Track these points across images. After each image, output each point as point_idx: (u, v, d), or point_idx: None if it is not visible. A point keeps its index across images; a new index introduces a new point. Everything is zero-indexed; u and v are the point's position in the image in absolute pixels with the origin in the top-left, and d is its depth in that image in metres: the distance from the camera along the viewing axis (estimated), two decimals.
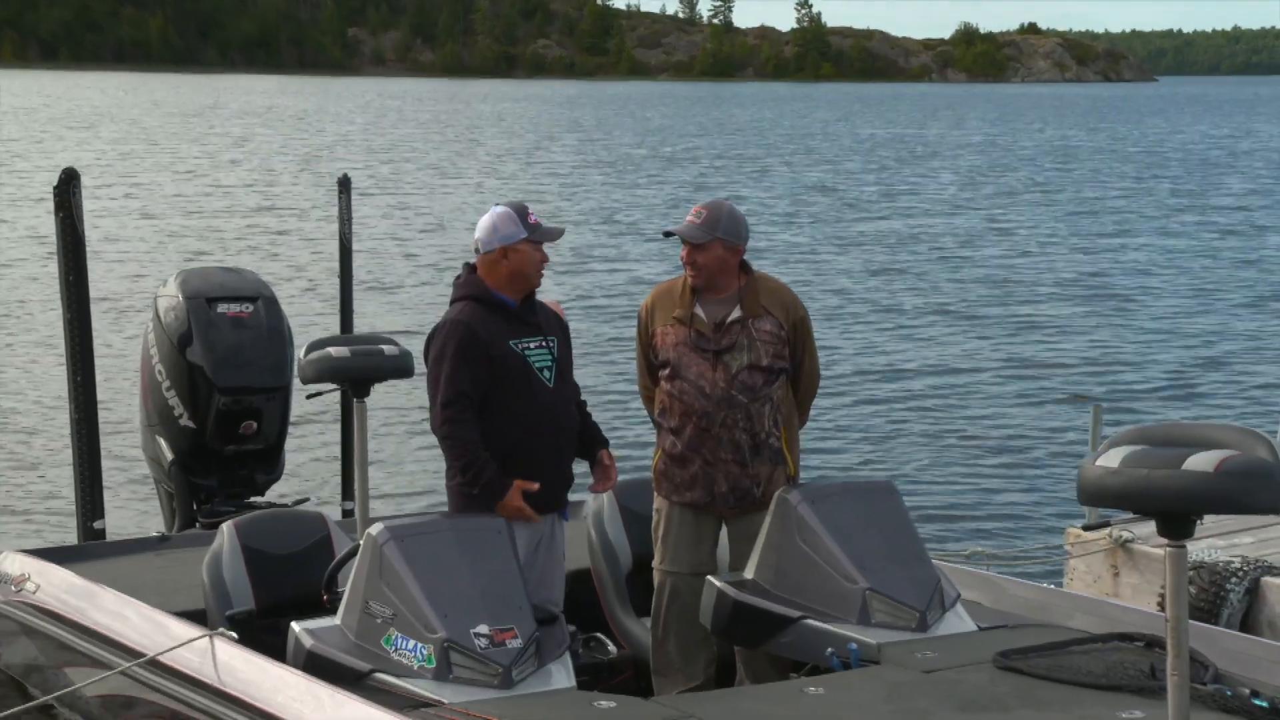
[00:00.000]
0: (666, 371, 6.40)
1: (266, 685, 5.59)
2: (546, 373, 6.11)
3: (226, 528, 6.69)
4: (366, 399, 6.95)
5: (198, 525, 8.55)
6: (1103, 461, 4.10)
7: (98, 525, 8.57)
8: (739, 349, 6.32)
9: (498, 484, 5.93)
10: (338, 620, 5.68)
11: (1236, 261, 29.05)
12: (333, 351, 6.98)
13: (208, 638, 5.97)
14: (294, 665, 5.60)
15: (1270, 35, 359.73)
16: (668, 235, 6.48)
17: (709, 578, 6.18)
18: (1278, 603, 7.77)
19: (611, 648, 6.85)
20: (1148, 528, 8.15)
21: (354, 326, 10.33)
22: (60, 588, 7.03)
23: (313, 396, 7.90)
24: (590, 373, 16.51)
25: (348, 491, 9.61)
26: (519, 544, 5.86)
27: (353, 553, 5.92)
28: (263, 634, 6.14)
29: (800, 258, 29.01)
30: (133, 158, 51.05)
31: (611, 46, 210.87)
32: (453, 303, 6.19)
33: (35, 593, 7.14)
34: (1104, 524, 8.66)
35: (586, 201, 39.42)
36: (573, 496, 6.43)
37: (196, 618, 6.39)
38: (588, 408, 6.45)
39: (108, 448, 9.66)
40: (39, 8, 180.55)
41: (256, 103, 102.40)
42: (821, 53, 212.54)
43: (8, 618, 7.32)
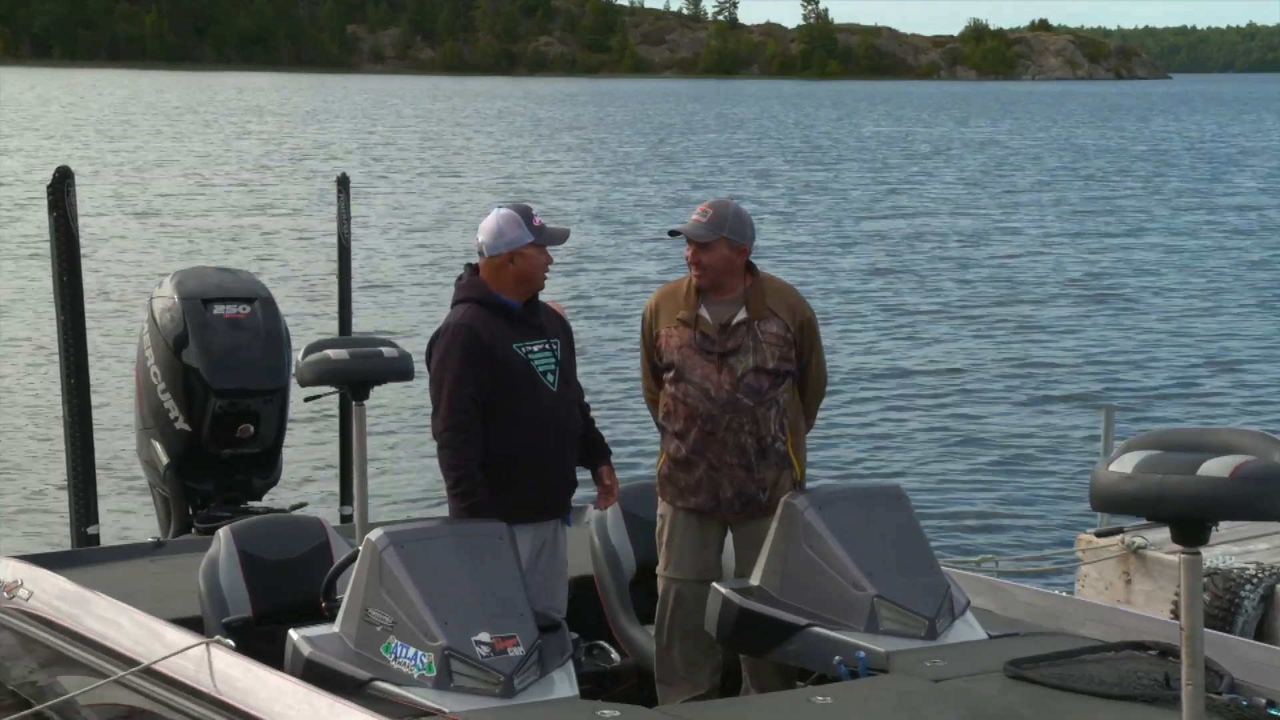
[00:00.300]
0: (671, 374, 6.31)
1: (264, 694, 5.53)
2: (550, 376, 6.04)
3: (223, 533, 6.63)
4: (365, 402, 6.90)
5: (194, 530, 8.49)
6: (1116, 467, 4.06)
7: (91, 530, 8.53)
8: (745, 351, 6.23)
9: (485, 511, 5.83)
10: (336, 628, 5.61)
11: (1249, 262, 28.97)
12: (331, 354, 6.95)
13: (204, 645, 5.90)
14: (292, 673, 5.54)
15: None
16: (673, 234, 6.39)
17: (714, 584, 6.11)
18: None
19: (615, 656, 6.79)
20: (1161, 534, 8.07)
21: (353, 328, 10.29)
22: (53, 594, 6.96)
23: (311, 399, 7.86)
24: (590, 374, 16.42)
25: (346, 496, 9.58)
26: (521, 550, 5.79)
27: (351, 559, 5.86)
28: (260, 641, 6.08)
29: (804, 258, 28.96)
30: (127, 156, 51.00)
31: (614, 43, 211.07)
32: (455, 305, 6.11)
33: (28, 599, 7.07)
34: (1116, 530, 8.56)
35: (587, 201, 39.37)
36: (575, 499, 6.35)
37: (192, 625, 6.32)
38: (590, 411, 6.36)
39: (102, 451, 9.60)
40: (32, 3, 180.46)
41: (253, 100, 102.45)
42: (828, 50, 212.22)
43: None
